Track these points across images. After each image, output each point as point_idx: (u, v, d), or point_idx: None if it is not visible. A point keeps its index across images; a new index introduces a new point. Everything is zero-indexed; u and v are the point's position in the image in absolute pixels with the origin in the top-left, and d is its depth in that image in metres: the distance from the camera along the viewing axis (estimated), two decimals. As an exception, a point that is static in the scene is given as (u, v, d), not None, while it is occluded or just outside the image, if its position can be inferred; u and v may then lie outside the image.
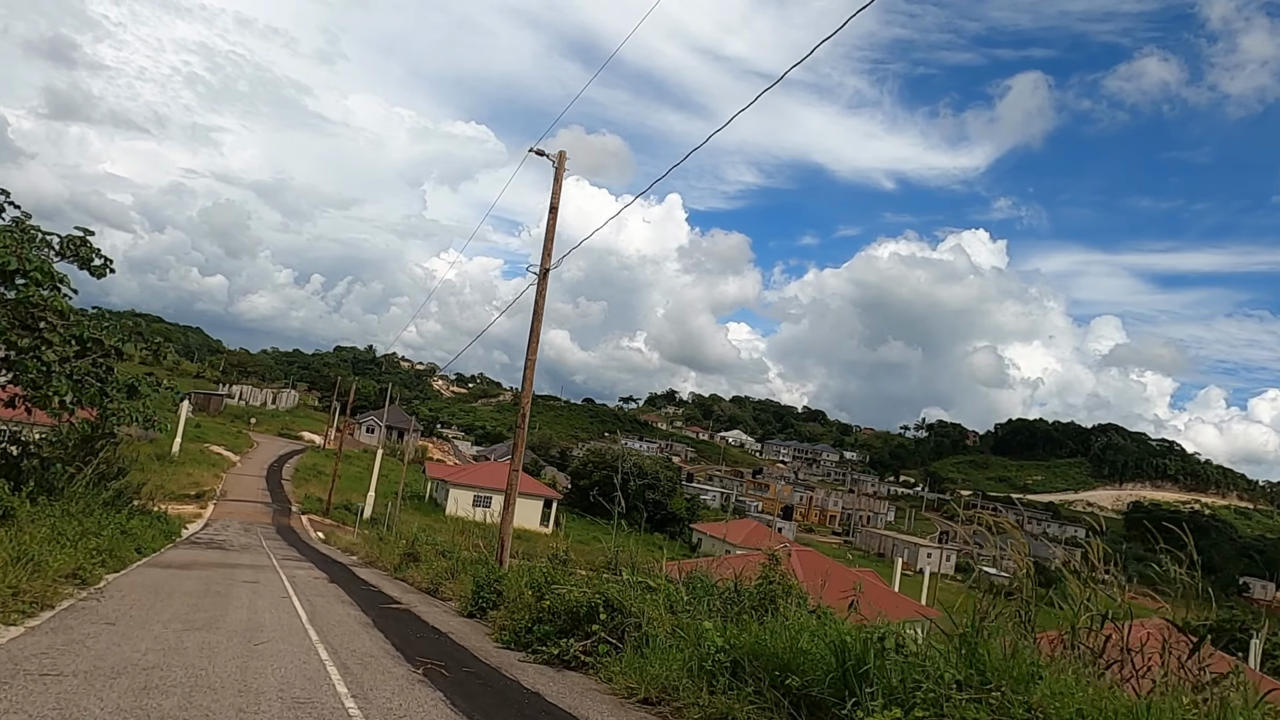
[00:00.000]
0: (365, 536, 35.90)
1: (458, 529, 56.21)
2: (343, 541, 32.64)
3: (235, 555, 21.51)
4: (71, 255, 18.18)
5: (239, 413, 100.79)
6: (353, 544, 30.27)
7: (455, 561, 16.57)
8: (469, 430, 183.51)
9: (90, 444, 19.37)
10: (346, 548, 30.39)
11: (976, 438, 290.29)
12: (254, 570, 17.26)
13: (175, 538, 24.22)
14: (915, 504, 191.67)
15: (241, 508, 47.21)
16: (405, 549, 21.28)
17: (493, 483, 62.82)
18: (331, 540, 35.02)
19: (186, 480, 51.41)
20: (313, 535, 40.17)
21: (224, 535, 30.95)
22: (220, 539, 28.21)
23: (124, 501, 19.96)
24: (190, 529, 32.12)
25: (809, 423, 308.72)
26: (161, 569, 15.00)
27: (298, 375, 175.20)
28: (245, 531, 34.94)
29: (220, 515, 43.10)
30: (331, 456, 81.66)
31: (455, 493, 60.35)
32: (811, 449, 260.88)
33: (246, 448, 77.05)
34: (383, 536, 38.76)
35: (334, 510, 50.96)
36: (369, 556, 25.08)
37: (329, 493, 51.31)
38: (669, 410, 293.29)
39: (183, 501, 46.28)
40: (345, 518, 50.27)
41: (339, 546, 31.78)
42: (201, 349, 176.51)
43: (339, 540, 33.91)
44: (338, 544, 32.98)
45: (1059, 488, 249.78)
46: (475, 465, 67.27)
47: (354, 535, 36.87)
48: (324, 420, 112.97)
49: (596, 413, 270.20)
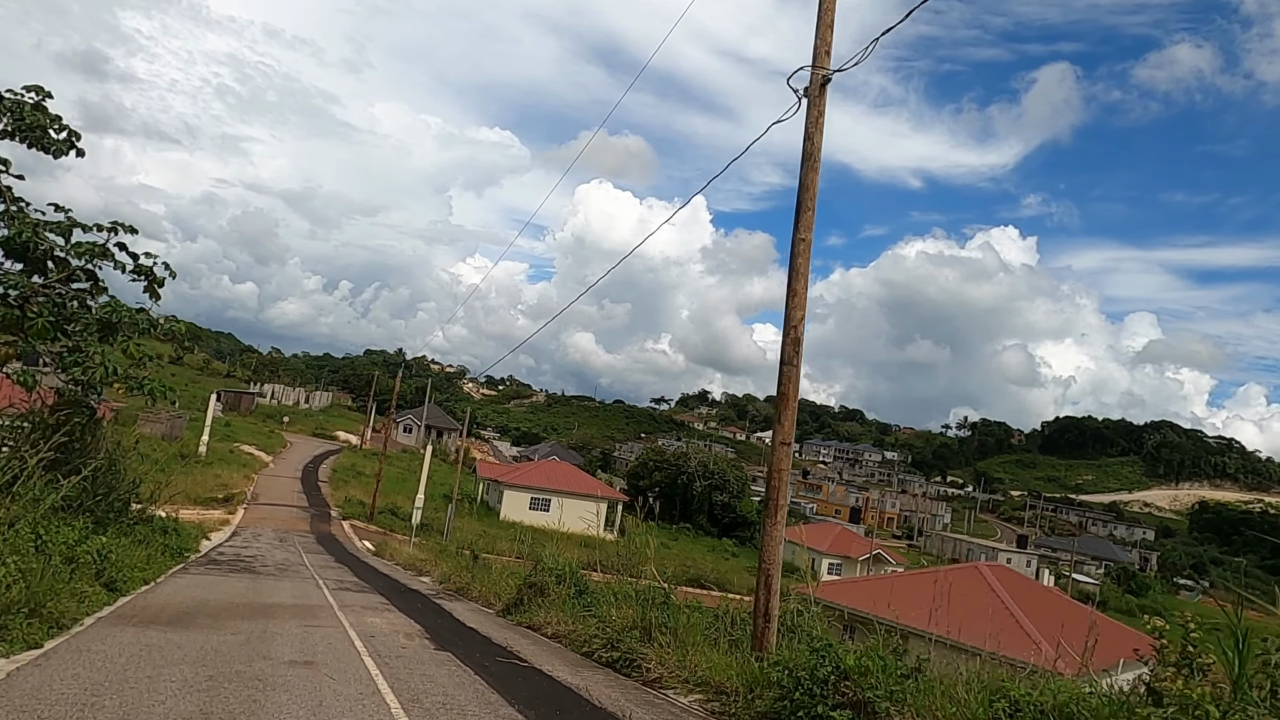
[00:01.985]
0: (427, 548, 29.39)
1: (520, 536, 49.61)
2: (403, 555, 26.07)
3: (269, 585, 14.87)
4: (12, 125, 11.65)
5: (271, 412, 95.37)
6: (417, 559, 23.66)
7: (639, 608, 9.73)
8: (504, 431, 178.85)
9: (58, 421, 12.93)
10: (410, 564, 23.79)
11: (1022, 437, 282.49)
12: (302, 620, 10.52)
13: (188, 554, 17.74)
14: (968, 505, 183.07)
15: (275, 513, 41.04)
16: (526, 578, 14.46)
17: (551, 483, 56.25)
18: (386, 552, 28.48)
19: (214, 482, 45.40)
20: (359, 545, 33.73)
21: (254, 548, 24.52)
22: (249, 554, 21.72)
23: (106, 506, 13.45)
24: (214, 540, 25.81)
25: (847, 422, 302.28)
26: (137, 628, 8.31)
27: (328, 379, 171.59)
28: (280, 542, 28.58)
29: (251, 521, 36.91)
30: (370, 457, 75.68)
31: (510, 495, 53.84)
32: (853, 449, 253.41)
33: (279, 448, 71.22)
34: (444, 547, 32.18)
35: (378, 515, 44.63)
36: (454, 583, 18.33)
37: (373, 496, 45.00)
38: (702, 410, 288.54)
39: (208, 506, 40.17)
40: (392, 524, 43.91)
41: (400, 562, 25.20)
42: (233, 354, 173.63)
43: (397, 553, 27.31)
44: (397, 558, 26.41)
45: (1111, 488, 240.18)
46: (531, 464, 60.86)
47: (412, 546, 30.33)
48: (359, 420, 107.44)
49: (631, 414, 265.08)
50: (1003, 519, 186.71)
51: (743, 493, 71.61)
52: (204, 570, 16.17)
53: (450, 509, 36.27)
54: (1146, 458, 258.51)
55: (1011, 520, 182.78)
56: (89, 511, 13.38)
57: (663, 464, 70.94)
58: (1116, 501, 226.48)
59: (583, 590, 13.00)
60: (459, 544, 34.49)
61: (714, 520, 69.20)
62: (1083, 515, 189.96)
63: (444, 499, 55.22)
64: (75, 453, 13.09)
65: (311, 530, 37.42)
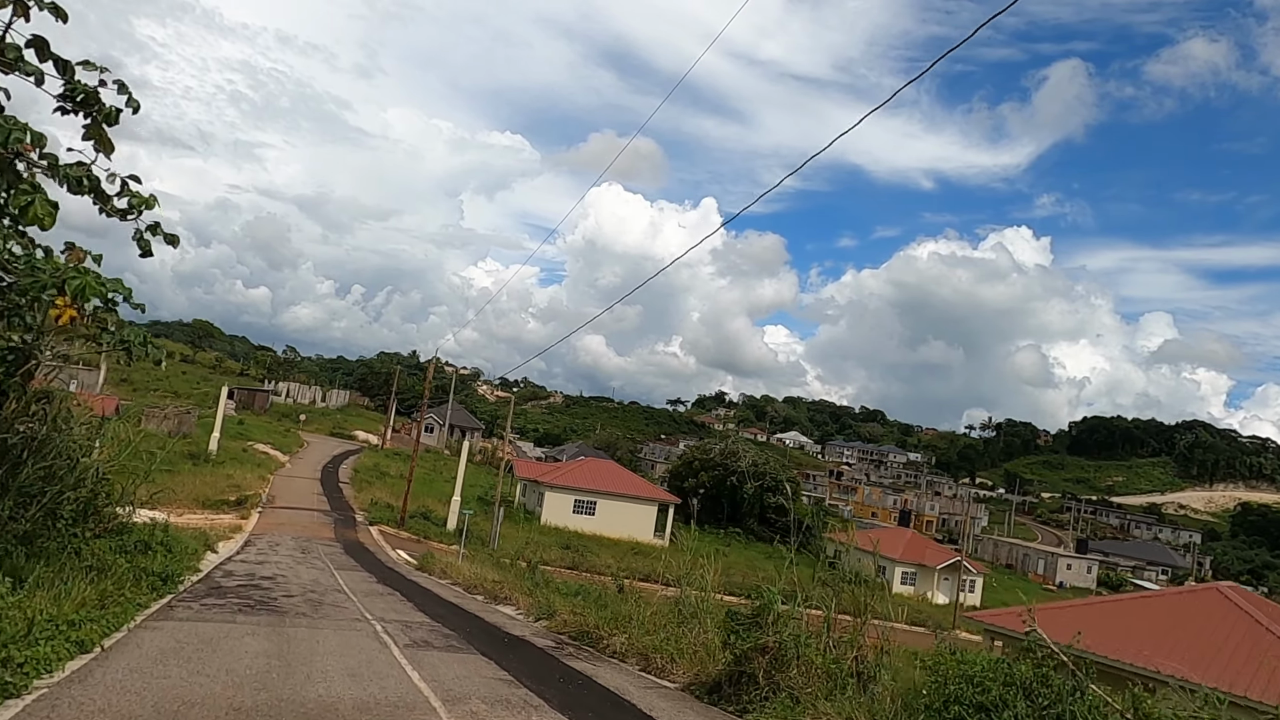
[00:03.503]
0: (480, 560, 24.03)
1: (569, 543, 44.35)
2: (458, 572, 20.55)
3: (303, 643, 9.42)
4: None
5: (286, 411, 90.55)
6: (482, 580, 18.18)
7: None
8: (522, 433, 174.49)
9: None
10: (474, 585, 18.26)
11: (1049, 437, 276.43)
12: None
13: (180, 579, 12.44)
14: (1002, 507, 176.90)
15: (294, 517, 35.90)
16: (740, 635, 8.99)
17: (596, 484, 50.91)
18: (434, 567, 23.03)
19: (225, 484, 40.32)
20: (394, 556, 28.46)
21: (273, 563, 19.28)
22: (266, 574, 16.45)
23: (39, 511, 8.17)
24: (221, 551, 20.60)
25: (868, 423, 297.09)
26: None
27: (343, 381, 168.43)
28: (303, 554, 23.38)
29: (267, 527, 31.77)
30: (392, 457, 70.57)
31: (552, 497, 48.49)
32: (877, 450, 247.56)
33: (296, 447, 66.22)
34: (498, 559, 26.85)
35: (410, 520, 39.40)
36: (569, 623, 12.55)
37: (403, 499, 39.74)
38: (720, 412, 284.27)
39: (219, 509, 35.05)
40: (426, 529, 38.69)
41: (458, 581, 19.66)
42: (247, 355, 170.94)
43: (451, 568, 21.69)
44: (451, 575, 20.89)
45: (1143, 489, 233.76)
46: (573, 464, 55.55)
47: (460, 559, 24.94)
48: (378, 420, 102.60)
49: (650, 414, 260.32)
50: (1040, 522, 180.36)
51: (797, 495, 65.96)
52: (199, 609, 10.84)
53: (496, 513, 30.83)
54: (1179, 458, 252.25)
55: (1050, 523, 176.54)
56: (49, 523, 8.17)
57: (709, 463, 65.35)
58: (1151, 504, 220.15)
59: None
60: (512, 554, 29.15)
61: (765, 524, 63.59)
62: (1123, 518, 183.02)
63: (479, 502, 49.99)
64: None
65: (337, 538, 32.21)
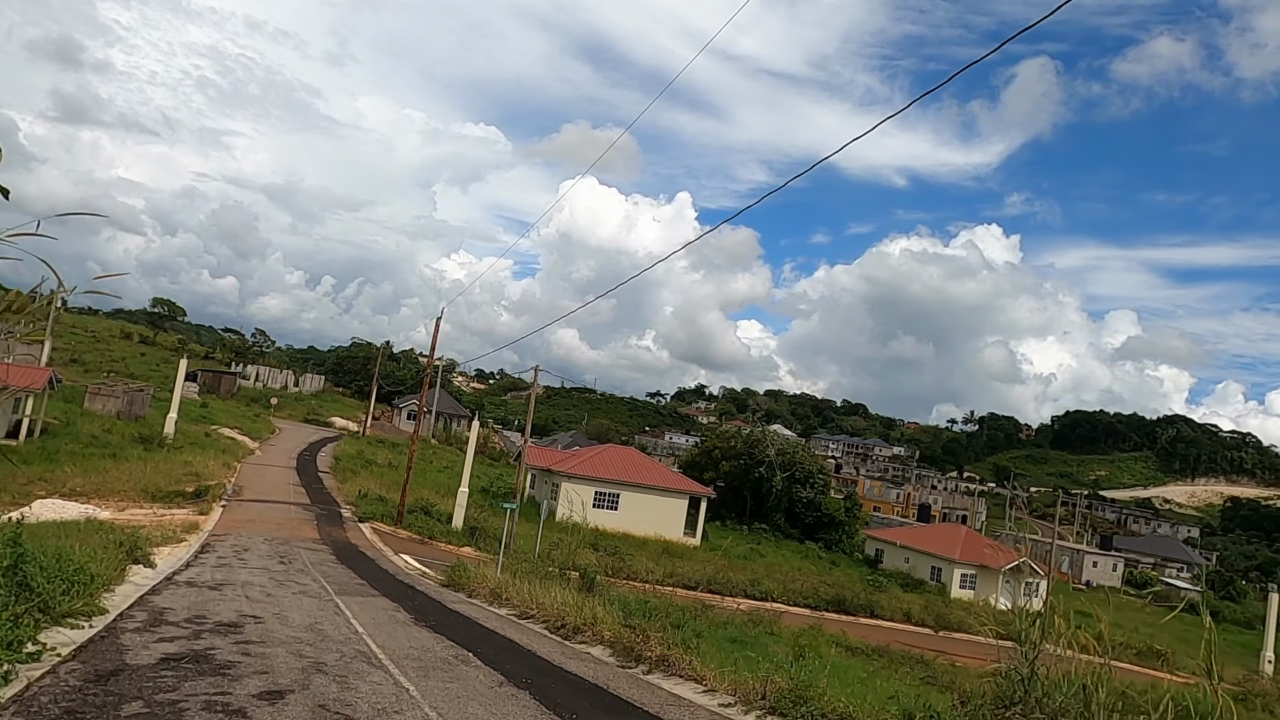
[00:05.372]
0: (521, 571, 17.30)
1: (596, 542, 37.60)
2: (516, 595, 13.55)
3: None
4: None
5: (256, 395, 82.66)
6: (578, 615, 11.27)
7: None
8: (505, 423, 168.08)
9: None
10: (573, 624, 11.21)
11: (1031, 431, 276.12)
12: None
13: (39, 655, 5.54)
14: (996, 501, 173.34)
15: (267, 512, 28.90)
16: None
17: (620, 474, 44.25)
18: (467, 583, 16.06)
19: (182, 472, 33.12)
20: (401, 564, 21.63)
21: (238, 586, 12.50)
22: (226, 621, 9.56)
23: None
24: (162, 565, 13.82)
25: (850, 417, 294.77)
26: None
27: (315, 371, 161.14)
28: (282, 563, 16.63)
29: (232, 525, 24.85)
30: (377, 444, 63.33)
31: (569, 489, 41.71)
32: (862, 443, 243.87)
33: (267, 433, 58.76)
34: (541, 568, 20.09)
35: (408, 516, 32.46)
36: None
37: (402, 492, 32.74)
38: (700, 404, 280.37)
39: (171, 503, 27.95)
40: (429, 527, 31.87)
41: (535, 613, 12.47)
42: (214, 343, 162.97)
43: (506, 588, 14.48)
44: (508, 596, 13.83)
45: (1126, 483, 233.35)
46: (592, 451, 48.73)
47: (499, 569, 18.10)
48: (356, 406, 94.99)
49: (635, 406, 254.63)
50: (1036, 516, 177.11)
51: (827, 488, 59.76)
52: None
53: (542, 513, 23.69)
54: (1160, 453, 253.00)
55: (1045, 517, 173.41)
56: None
57: (731, 452, 58.85)
58: (1135, 498, 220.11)
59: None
60: (555, 560, 22.41)
61: (793, 519, 57.37)
62: (1119, 513, 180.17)
63: (482, 494, 43.12)
64: None
65: (323, 538, 25.29)
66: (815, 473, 58.03)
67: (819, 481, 57.77)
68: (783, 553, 50.81)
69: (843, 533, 57.91)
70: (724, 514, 57.90)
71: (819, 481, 57.77)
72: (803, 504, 56.72)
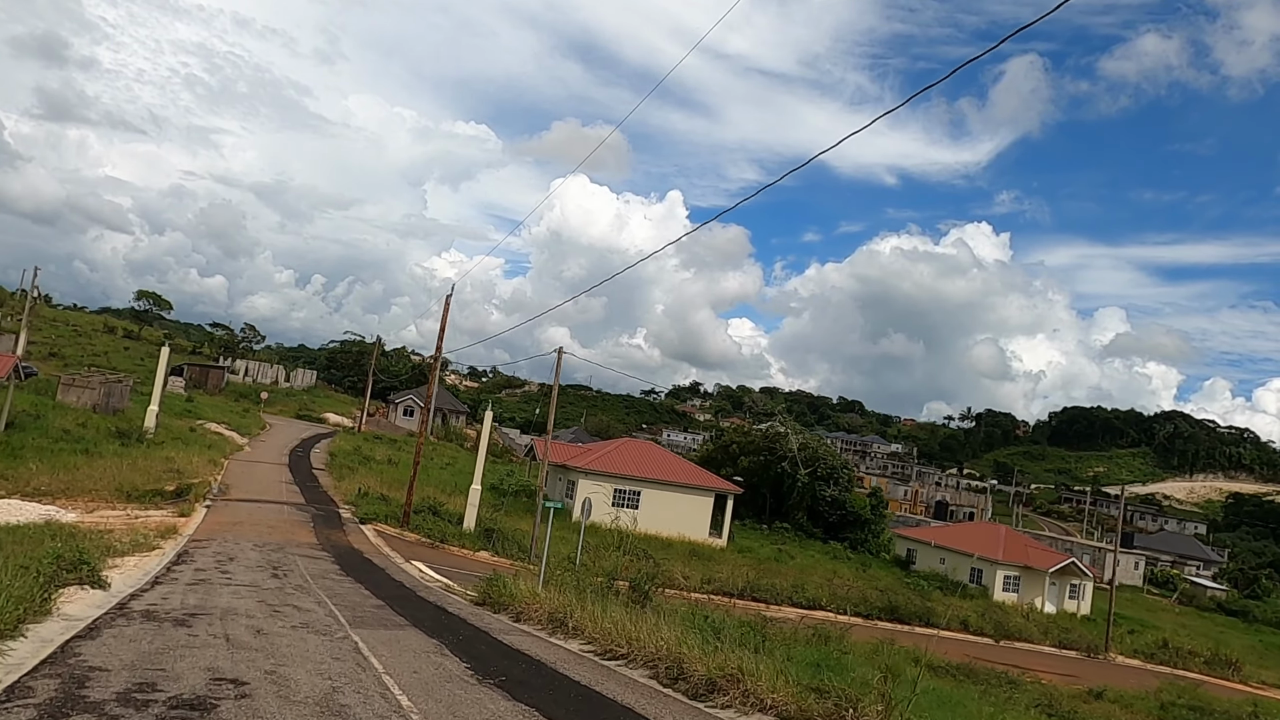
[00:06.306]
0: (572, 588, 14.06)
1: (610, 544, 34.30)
2: (588, 622, 10.33)
3: None
4: None
5: (246, 390, 79.06)
6: (673, 653, 8.12)
7: None
8: (501, 420, 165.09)
9: None
10: (667, 662, 8.05)
11: (1027, 428, 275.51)
12: None
13: None
14: (1000, 498, 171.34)
15: (257, 513, 25.54)
16: None
17: (641, 470, 40.96)
18: (513, 603, 12.67)
19: (163, 469, 29.75)
20: (417, 574, 18.37)
21: (215, 613, 9.23)
22: (177, 674, 6.18)
23: None
24: (119, 581, 10.57)
25: (847, 413, 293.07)
26: None
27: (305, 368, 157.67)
28: (276, 577, 13.37)
29: (216, 528, 21.51)
30: (374, 441, 59.88)
31: (587, 486, 38.39)
32: (860, 440, 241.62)
33: (257, 429, 55.29)
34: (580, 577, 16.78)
35: (415, 516, 29.11)
36: None
37: (408, 491, 29.36)
38: (696, 402, 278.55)
39: (149, 503, 24.56)
40: (440, 529, 28.54)
41: (589, 642, 9.29)
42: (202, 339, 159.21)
43: (572, 612, 11.11)
44: (577, 624, 10.48)
45: (1124, 479, 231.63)
46: (610, 445, 45.40)
47: (541, 584, 14.86)
48: (350, 402, 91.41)
49: (631, 403, 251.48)
50: (1040, 513, 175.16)
51: (851, 485, 56.64)
52: None
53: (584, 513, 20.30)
54: (1158, 449, 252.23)
55: (1050, 514, 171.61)
56: None
57: (750, 447, 55.60)
58: (1134, 494, 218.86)
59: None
60: (598, 569, 19.14)
61: (815, 518, 54.21)
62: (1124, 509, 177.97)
63: (492, 491, 39.79)
64: None
65: (321, 543, 21.97)
66: (839, 469, 54.91)
67: (843, 478, 54.67)
68: (809, 553, 47.69)
69: (868, 532, 54.82)
70: (743, 512, 54.75)
71: (843, 478, 54.67)
72: (827, 502, 53.58)
